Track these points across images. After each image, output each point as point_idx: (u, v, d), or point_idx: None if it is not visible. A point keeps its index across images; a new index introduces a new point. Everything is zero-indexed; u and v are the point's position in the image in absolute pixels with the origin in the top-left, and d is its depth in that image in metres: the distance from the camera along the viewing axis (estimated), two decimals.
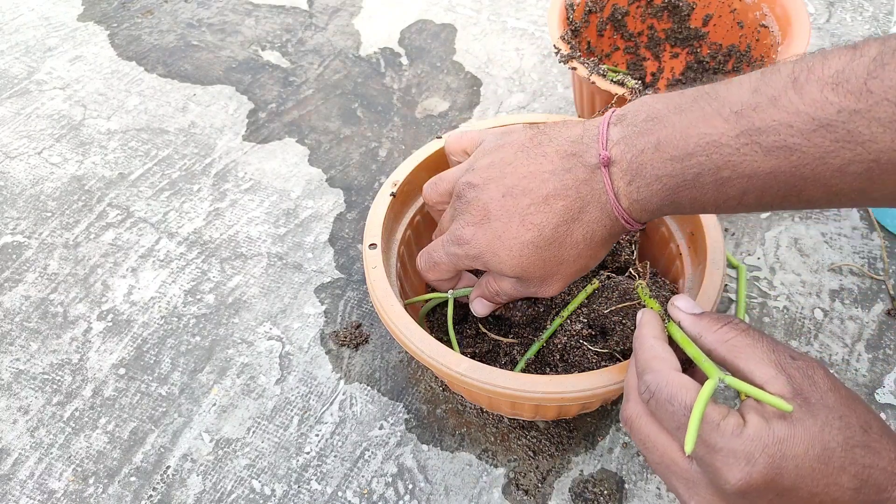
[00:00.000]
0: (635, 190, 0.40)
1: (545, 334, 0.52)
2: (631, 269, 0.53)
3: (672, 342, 0.41)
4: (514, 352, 0.54)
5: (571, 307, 0.53)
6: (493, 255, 0.44)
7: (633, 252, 0.58)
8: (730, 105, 0.36)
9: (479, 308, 0.51)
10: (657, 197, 0.40)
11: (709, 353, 0.39)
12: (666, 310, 0.43)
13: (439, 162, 0.60)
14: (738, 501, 0.34)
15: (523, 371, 0.52)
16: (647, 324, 0.42)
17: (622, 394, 0.56)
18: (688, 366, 0.40)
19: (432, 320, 0.58)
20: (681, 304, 0.42)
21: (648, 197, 0.40)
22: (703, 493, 0.35)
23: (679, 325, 0.41)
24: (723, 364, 0.38)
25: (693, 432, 0.33)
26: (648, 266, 0.54)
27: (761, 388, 0.35)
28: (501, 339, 0.54)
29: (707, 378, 0.36)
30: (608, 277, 0.54)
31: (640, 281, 0.47)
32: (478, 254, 0.45)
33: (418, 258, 0.51)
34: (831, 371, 0.36)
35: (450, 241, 0.47)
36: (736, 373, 0.37)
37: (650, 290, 0.47)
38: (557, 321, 0.52)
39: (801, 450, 0.32)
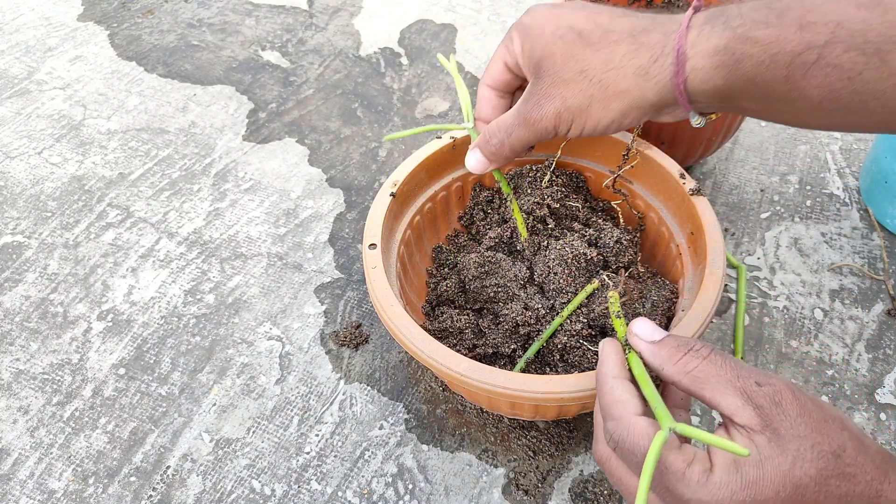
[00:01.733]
0: (710, 25, 0.38)
1: (545, 334, 0.52)
2: (605, 276, 0.50)
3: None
4: (514, 353, 0.54)
5: (571, 307, 0.53)
6: (539, 28, 0.43)
7: (636, 252, 0.58)
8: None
9: (471, 160, 0.50)
10: (728, 34, 0.37)
11: (673, 384, 0.37)
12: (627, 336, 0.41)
13: (439, 162, 0.60)
14: None
15: (523, 371, 0.52)
16: (606, 360, 0.40)
17: None
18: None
19: (432, 320, 0.58)
20: (639, 331, 0.39)
21: (720, 31, 0.37)
22: None
23: (640, 355, 0.39)
24: (688, 394, 0.37)
25: (643, 491, 0.32)
26: (624, 274, 0.52)
27: (729, 418, 0.34)
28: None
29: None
30: (608, 277, 0.54)
31: (612, 292, 0.44)
32: (529, 23, 0.44)
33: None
34: (802, 391, 0.34)
35: (513, 24, 0.46)
36: (703, 402, 0.35)
37: (622, 309, 0.44)
38: (557, 321, 0.52)
39: (771, 492, 0.31)
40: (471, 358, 0.48)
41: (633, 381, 0.38)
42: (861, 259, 0.67)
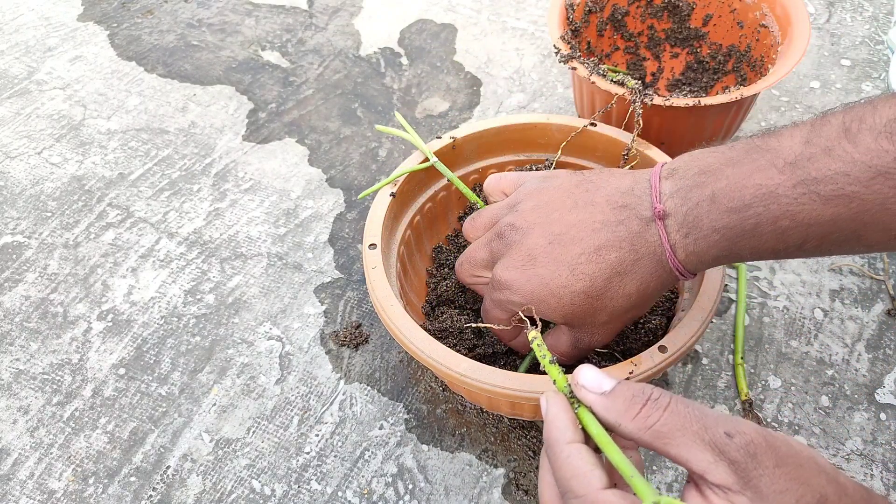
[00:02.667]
0: (692, 242, 0.40)
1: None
2: (522, 313, 0.43)
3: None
4: (514, 356, 0.54)
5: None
6: (541, 303, 0.44)
7: None
8: (783, 156, 0.37)
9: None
10: (715, 248, 0.40)
11: (632, 440, 0.33)
12: (571, 387, 0.36)
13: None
14: None
15: (527, 370, 0.52)
16: (554, 420, 0.35)
17: None
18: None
19: (432, 320, 0.58)
20: (586, 381, 0.35)
21: (706, 248, 0.40)
22: None
23: (590, 409, 0.34)
24: (653, 450, 0.33)
25: None
26: (534, 310, 0.44)
27: (701, 476, 0.31)
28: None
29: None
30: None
31: (532, 332, 0.39)
32: (522, 300, 0.44)
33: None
34: (771, 432, 0.31)
35: (493, 287, 0.46)
36: (669, 458, 0.32)
37: (548, 353, 0.38)
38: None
39: None
40: (471, 358, 0.48)
41: (588, 441, 0.34)
42: (861, 259, 0.67)
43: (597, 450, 0.34)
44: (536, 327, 0.39)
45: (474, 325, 0.50)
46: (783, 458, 0.30)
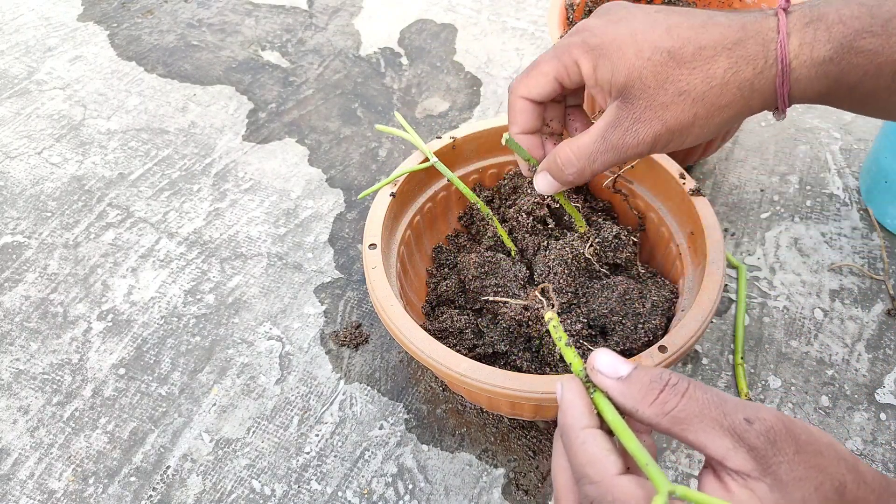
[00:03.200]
0: (811, 31, 0.37)
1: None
2: (538, 292, 0.45)
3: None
4: (514, 356, 0.54)
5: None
6: (617, 50, 0.40)
7: (634, 253, 0.58)
8: None
9: (543, 184, 0.46)
10: (833, 44, 0.36)
11: (650, 426, 0.33)
12: (587, 372, 0.35)
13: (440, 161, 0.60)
14: None
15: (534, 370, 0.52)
16: (569, 407, 0.34)
17: None
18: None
19: (432, 320, 0.58)
20: (602, 366, 0.34)
21: (824, 42, 0.37)
22: None
23: (607, 394, 0.34)
24: (670, 436, 0.33)
25: None
26: (551, 289, 0.45)
27: (720, 462, 0.30)
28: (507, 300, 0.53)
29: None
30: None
31: (549, 314, 0.38)
32: (598, 44, 0.40)
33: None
34: (790, 419, 0.31)
35: (567, 40, 0.42)
36: (687, 444, 0.32)
37: (564, 335, 0.37)
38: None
39: None
40: (471, 358, 0.48)
41: (604, 427, 0.34)
42: (861, 259, 0.67)
43: (610, 433, 0.34)
44: (553, 308, 0.39)
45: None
46: (803, 446, 0.30)
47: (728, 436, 0.30)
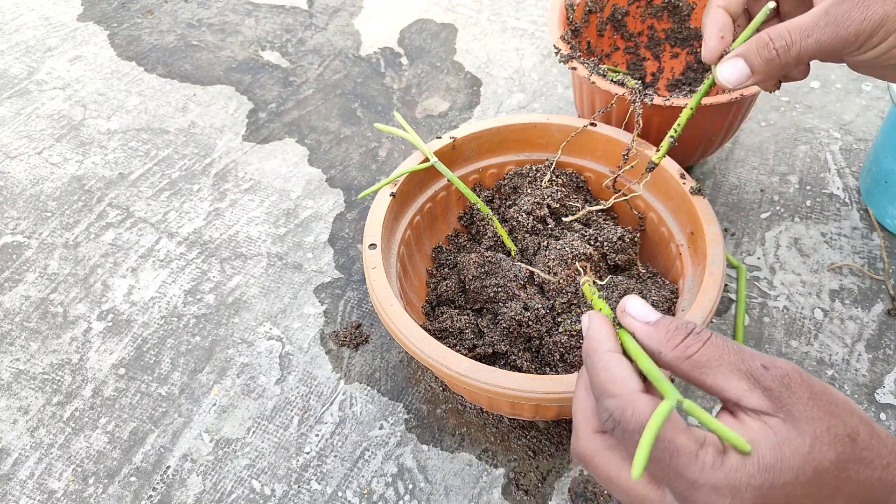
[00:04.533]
0: None
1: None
2: (579, 266, 0.46)
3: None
4: (514, 356, 0.54)
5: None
6: None
7: (634, 252, 0.58)
8: None
9: (730, 71, 0.44)
10: None
11: (670, 370, 0.34)
12: (616, 314, 0.37)
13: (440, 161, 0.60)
14: None
15: (520, 372, 0.52)
16: (596, 333, 0.36)
17: None
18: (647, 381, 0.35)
19: (432, 320, 0.58)
20: (633, 310, 0.36)
21: None
22: None
23: (633, 336, 0.36)
24: (689, 382, 0.34)
25: (643, 457, 0.29)
26: (588, 267, 0.50)
27: (736, 403, 0.32)
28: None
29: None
30: (607, 278, 0.54)
31: (585, 277, 0.42)
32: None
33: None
34: (808, 373, 0.32)
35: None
36: (704, 389, 0.33)
37: (596, 290, 0.42)
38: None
39: (790, 476, 0.29)
40: (471, 358, 0.48)
41: (626, 357, 0.36)
42: (861, 259, 0.67)
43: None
44: (587, 274, 0.43)
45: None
46: (817, 394, 0.31)
47: (745, 378, 0.32)
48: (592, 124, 0.60)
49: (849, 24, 0.39)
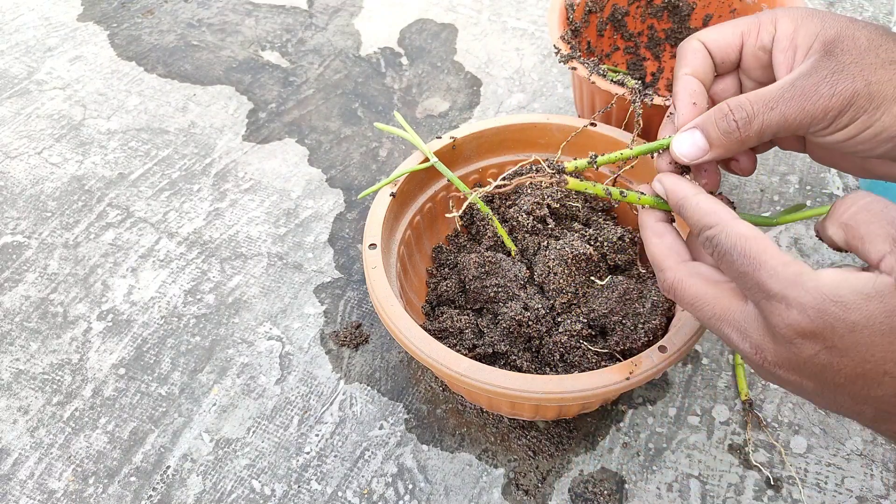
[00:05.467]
0: None
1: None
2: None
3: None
4: (514, 356, 0.54)
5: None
6: (828, 14, 0.39)
7: (634, 252, 0.58)
8: None
9: (685, 146, 0.41)
10: None
11: (834, 229, 0.35)
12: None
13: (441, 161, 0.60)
14: (786, 346, 0.33)
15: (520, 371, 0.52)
16: (675, 185, 0.39)
17: (622, 394, 0.56)
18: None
19: (432, 320, 0.58)
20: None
21: None
22: (755, 337, 0.34)
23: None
24: (844, 234, 0.34)
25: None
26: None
27: (876, 265, 0.32)
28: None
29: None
30: (610, 278, 0.54)
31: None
32: (808, 10, 0.39)
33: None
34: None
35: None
36: (855, 241, 0.34)
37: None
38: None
39: (862, 318, 0.30)
40: (471, 358, 0.48)
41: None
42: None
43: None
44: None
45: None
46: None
47: (890, 241, 0.32)
48: (592, 124, 0.60)
49: (816, 98, 0.37)
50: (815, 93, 0.37)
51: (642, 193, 0.42)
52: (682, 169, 0.42)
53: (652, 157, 0.44)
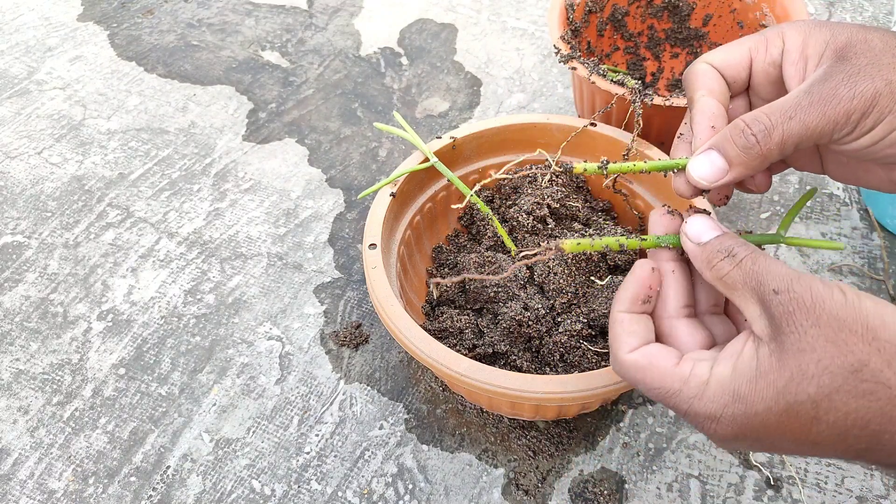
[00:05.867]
0: None
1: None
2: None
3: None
4: (514, 356, 0.54)
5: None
6: (837, 24, 0.37)
7: (635, 252, 0.58)
8: None
9: (703, 168, 0.38)
10: None
11: (715, 286, 0.36)
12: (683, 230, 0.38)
13: (441, 161, 0.60)
14: (730, 443, 0.34)
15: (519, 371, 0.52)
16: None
17: (622, 394, 0.56)
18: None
19: (432, 320, 0.58)
20: (690, 231, 0.37)
21: None
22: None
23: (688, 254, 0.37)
24: (726, 296, 0.36)
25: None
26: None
27: (750, 326, 0.34)
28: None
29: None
30: (610, 278, 0.54)
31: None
32: (816, 23, 0.38)
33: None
34: (849, 289, 0.31)
35: None
36: (728, 293, 0.35)
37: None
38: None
39: (762, 407, 0.31)
40: (471, 358, 0.48)
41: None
42: (861, 259, 0.67)
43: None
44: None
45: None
46: (824, 321, 0.31)
47: (758, 303, 0.33)
48: (592, 124, 0.60)
49: (836, 101, 0.35)
50: (833, 96, 0.35)
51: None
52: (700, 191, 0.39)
53: (664, 175, 0.43)
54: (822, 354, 0.30)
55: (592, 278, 0.56)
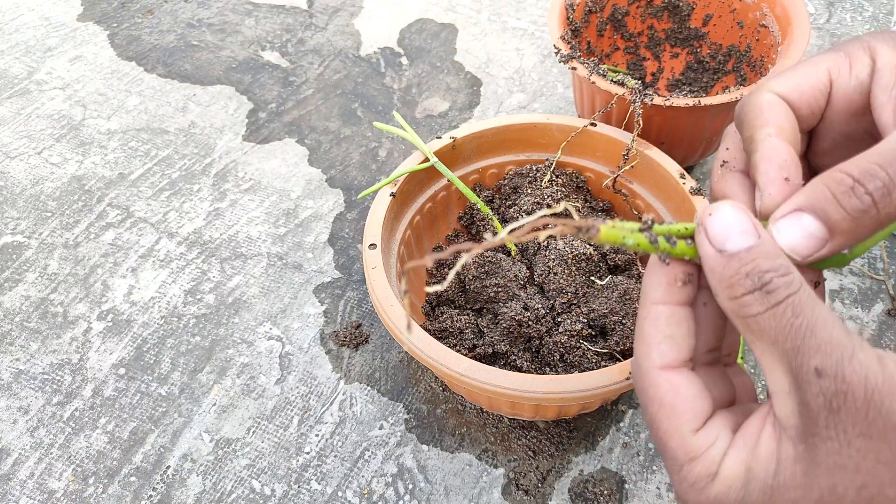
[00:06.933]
0: None
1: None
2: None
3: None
4: (514, 356, 0.54)
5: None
6: None
7: (635, 252, 0.58)
8: None
9: (797, 237, 0.27)
10: None
11: (725, 313, 0.27)
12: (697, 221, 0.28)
13: (441, 161, 0.60)
14: None
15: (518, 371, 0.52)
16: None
17: (622, 394, 0.56)
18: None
19: (432, 320, 0.58)
20: (712, 228, 0.26)
21: None
22: None
23: (701, 261, 0.27)
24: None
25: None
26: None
27: (770, 398, 0.26)
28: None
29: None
30: (609, 278, 0.54)
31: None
32: None
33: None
34: (891, 388, 0.23)
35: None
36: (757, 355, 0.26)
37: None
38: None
39: None
40: (471, 358, 0.48)
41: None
42: (861, 259, 0.67)
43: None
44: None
45: None
46: (877, 429, 0.22)
47: (790, 376, 0.24)
48: (592, 124, 0.60)
49: None
50: None
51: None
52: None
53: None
54: (865, 480, 0.23)
55: (592, 278, 0.56)
